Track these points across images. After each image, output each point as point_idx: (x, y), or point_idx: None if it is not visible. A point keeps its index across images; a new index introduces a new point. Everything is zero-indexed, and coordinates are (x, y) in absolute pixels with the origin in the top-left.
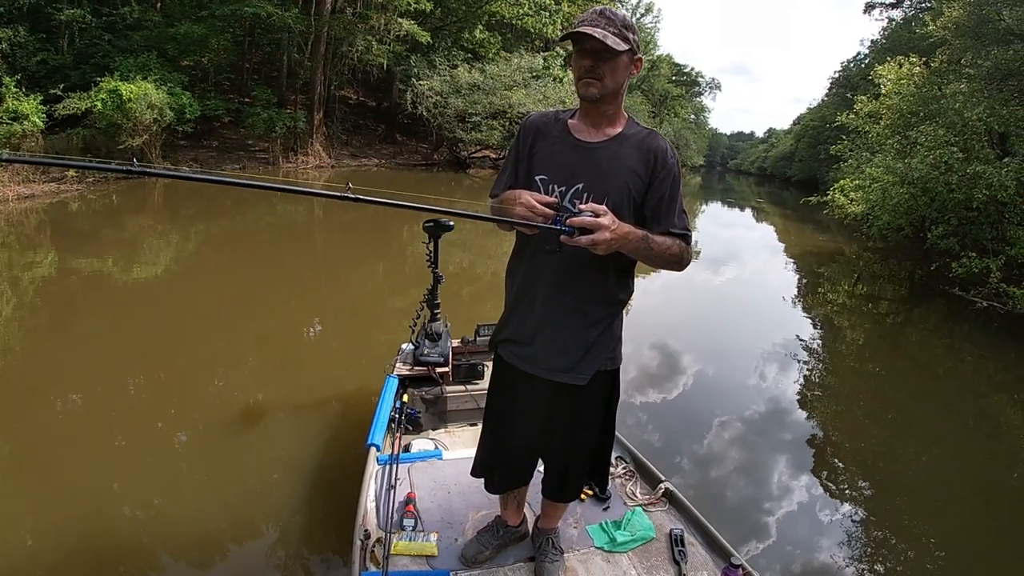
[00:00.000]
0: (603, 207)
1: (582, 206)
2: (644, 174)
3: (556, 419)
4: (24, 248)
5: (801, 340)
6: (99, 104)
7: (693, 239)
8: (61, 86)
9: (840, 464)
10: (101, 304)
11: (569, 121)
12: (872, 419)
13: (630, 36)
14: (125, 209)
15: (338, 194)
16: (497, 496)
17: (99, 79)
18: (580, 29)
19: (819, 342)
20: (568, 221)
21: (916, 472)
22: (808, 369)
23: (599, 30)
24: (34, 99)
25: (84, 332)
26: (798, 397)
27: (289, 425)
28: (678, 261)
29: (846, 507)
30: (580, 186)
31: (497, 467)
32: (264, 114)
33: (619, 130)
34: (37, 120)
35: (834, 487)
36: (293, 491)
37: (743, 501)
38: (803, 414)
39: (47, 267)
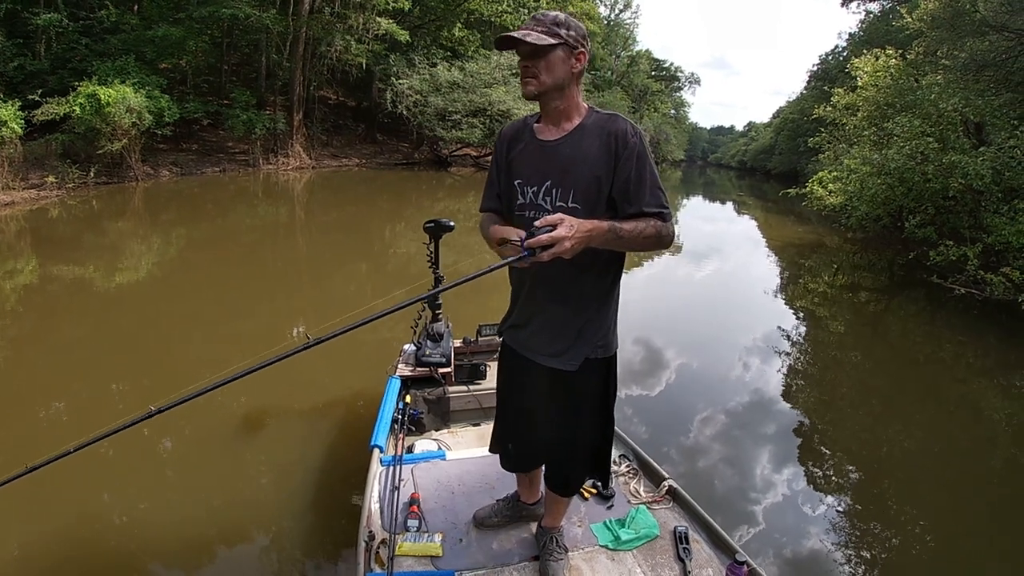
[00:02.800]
0: (558, 216)
1: (537, 223)
2: (608, 159)
3: (553, 408)
4: (5, 256)
5: (783, 331)
6: (77, 109)
7: (676, 232)
8: (39, 91)
9: (830, 453)
10: (84, 310)
11: (535, 124)
12: (855, 408)
13: (561, 32)
14: (106, 214)
15: (301, 347)
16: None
17: (77, 84)
18: (503, 35)
19: (801, 333)
20: (526, 244)
21: (901, 458)
22: (792, 360)
23: (522, 31)
24: (12, 105)
25: (68, 338)
26: (783, 388)
27: (288, 429)
28: (656, 242)
29: (840, 497)
30: (549, 184)
31: (509, 445)
32: (243, 116)
33: (577, 122)
34: (15, 126)
35: (829, 478)
36: (296, 494)
37: (734, 492)
38: (788, 405)
39: (28, 274)
